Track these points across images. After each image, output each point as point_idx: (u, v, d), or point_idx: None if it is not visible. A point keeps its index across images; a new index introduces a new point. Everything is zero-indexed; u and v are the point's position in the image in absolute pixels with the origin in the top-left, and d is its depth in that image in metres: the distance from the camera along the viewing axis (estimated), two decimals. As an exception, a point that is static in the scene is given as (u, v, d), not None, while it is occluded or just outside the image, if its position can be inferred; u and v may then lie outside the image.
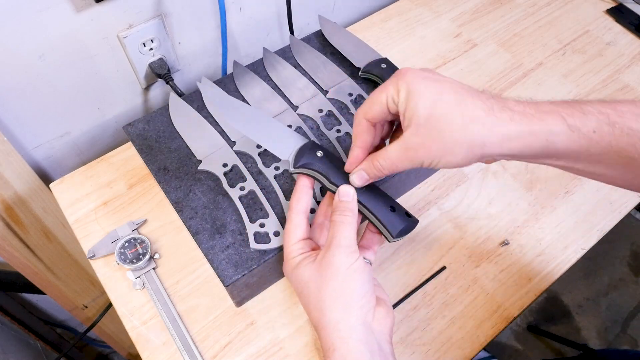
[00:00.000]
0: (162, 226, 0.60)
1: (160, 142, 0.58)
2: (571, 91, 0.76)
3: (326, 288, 0.40)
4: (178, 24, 0.65)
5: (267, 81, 0.63)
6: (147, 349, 0.53)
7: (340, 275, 0.40)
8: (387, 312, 0.42)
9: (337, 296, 0.40)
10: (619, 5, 0.87)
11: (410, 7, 0.86)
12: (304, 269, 0.42)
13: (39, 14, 0.52)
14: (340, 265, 0.40)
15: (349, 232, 0.41)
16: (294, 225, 0.45)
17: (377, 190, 0.45)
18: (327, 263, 0.40)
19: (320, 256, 0.42)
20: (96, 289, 0.90)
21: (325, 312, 0.40)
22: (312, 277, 0.41)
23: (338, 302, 0.40)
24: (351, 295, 0.40)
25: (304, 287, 0.42)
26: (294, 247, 0.44)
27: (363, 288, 0.40)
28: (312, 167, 0.45)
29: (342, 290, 0.40)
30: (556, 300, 1.49)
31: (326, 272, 0.40)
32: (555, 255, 0.60)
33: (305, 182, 0.46)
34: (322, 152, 0.46)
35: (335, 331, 0.39)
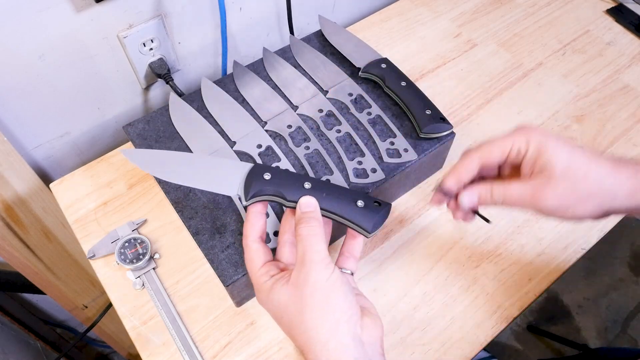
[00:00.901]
0: (162, 226, 0.60)
1: (160, 142, 0.58)
2: (571, 91, 0.76)
3: (307, 308, 0.38)
4: (178, 24, 0.65)
5: (267, 81, 0.63)
6: (147, 349, 0.53)
7: (319, 291, 0.38)
8: (375, 322, 0.40)
9: (321, 314, 0.37)
10: (619, 5, 0.87)
11: (410, 7, 0.86)
12: (279, 291, 0.39)
13: (39, 14, 0.52)
14: (317, 281, 0.38)
15: (319, 245, 0.39)
16: (253, 252, 0.42)
17: (336, 190, 0.43)
18: (304, 281, 0.38)
19: (295, 275, 0.39)
20: (96, 289, 0.90)
21: (310, 334, 0.37)
22: (290, 300, 0.39)
23: (323, 320, 0.37)
24: (335, 310, 0.38)
25: (284, 312, 0.39)
26: (260, 272, 0.41)
27: (346, 300, 0.38)
28: (264, 193, 0.43)
29: (324, 306, 0.38)
30: (556, 300, 1.49)
31: (304, 290, 0.38)
32: (555, 255, 0.60)
33: (257, 207, 0.43)
34: (269, 174, 0.43)
35: (324, 352, 0.37)
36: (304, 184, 0.42)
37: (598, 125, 0.72)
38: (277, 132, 0.58)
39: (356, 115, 0.59)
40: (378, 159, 0.56)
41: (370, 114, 0.59)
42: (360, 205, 0.42)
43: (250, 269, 0.42)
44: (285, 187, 0.42)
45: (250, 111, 0.60)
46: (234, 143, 0.57)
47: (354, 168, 0.55)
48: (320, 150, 0.56)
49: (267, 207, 0.44)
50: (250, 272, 0.42)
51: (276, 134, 0.58)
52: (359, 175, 0.55)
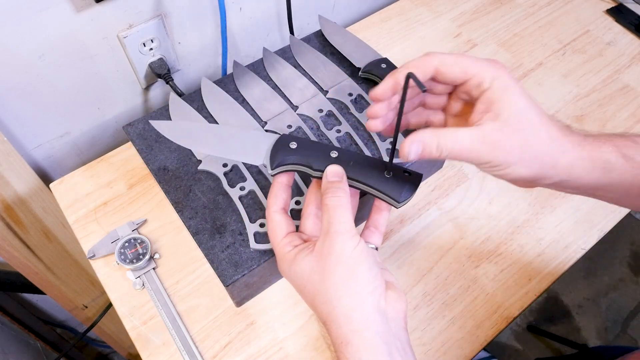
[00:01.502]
0: (162, 226, 0.60)
1: (160, 142, 0.58)
2: (571, 91, 0.76)
3: (331, 277, 0.37)
4: (178, 24, 0.65)
5: (267, 81, 0.63)
6: (147, 349, 0.53)
7: (344, 261, 0.37)
8: (399, 296, 0.38)
9: (345, 284, 0.37)
10: (619, 5, 0.87)
11: (410, 7, 0.86)
12: (303, 261, 0.39)
13: (39, 14, 0.52)
14: (342, 251, 0.37)
15: (345, 216, 0.38)
16: (276, 222, 0.42)
17: (363, 159, 0.42)
18: (328, 251, 0.37)
19: (319, 245, 0.38)
20: (96, 289, 0.90)
21: (334, 304, 0.37)
22: (313, 269, 0.38)
23: (347, 290, 0.37)
24: (360, 281, 0.37)
25: (307, 281, 0.38)
26: (283, 243, 0.41)
27: (371, 272, 0.37)
28: (289, 162, 0.42)
29: (349, 277, 0.37)
30: (556, 300, 1.49)
31: (328, 260, 0.37)
32: (555, 255, 0.60)
33: (282, 179, 0.43)
34: (295, 143, 0.42)
35: (348, 323, 0.36)
36: (331, 153, 0.41)
37: (598, 125, 0.72)
38: (277, 132, 0.58)
39: (356, 115, 0.59)
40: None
41: (370, 114, 0.59)
42: (388, 175, 0.40)
43: (273, 239, 0.41)
44: (312, 156, 0.42)
45: (250, 111, 0.60)
46: (234, 143, 0.57)
47: (354, 168, 0.55)
48: (320, 150, 0.56)
49: (292, 180, 0.44)
50: (272, 243, 0.42)
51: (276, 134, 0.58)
52: (359, 175, 0.55)
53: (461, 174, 0.66)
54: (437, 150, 0.36)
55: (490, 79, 0.36)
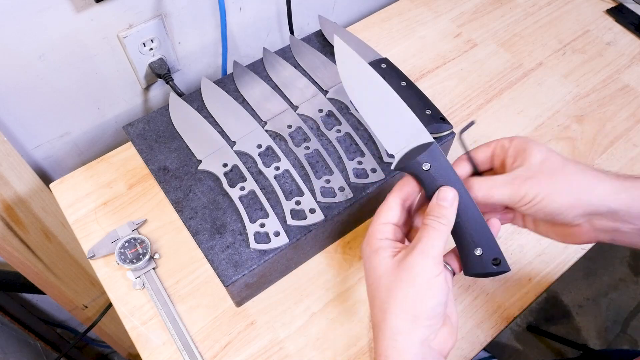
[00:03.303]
0: (162, 226, 0.60)
1: (160, 142, 0.58)
2: (571, 91, 0.76)
3: (397, 292, 0.37)
4: (178, 24, 0.65)
5: (267, 81, 0.63)
6: (147, 349, 0.53)
7: (418, 284, 0.36)
8: (451, 333, 0.38)
9: (407, 306, 0.36)
10: (619, 5, 0.87)
11: (410, 7, 0.86)
12: (381, 259, 0.38)
13: (39, 14, 0.52)
14: (420, 274, 0.36)
15: (438, 241, 0.37)
16: (388, 207, 0.41)
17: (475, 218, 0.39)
18: (407, 266, 0.37)
19: (401, 256, 0.38)
20: (96, 289, 0.90)
21: (388, 317, 0.37)
22: (385, 273, 0.38)
23: (405, 312, 0.36)
24: (423, 311, 0.36)
25: (375, 279, 0.38)
26: (381, 227, 0.40)
27: (438, 307, 0.37)
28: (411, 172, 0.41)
29: (414, 301, 0.36)
30: (556, 300, 1.49)
31: (402, 275, 0.37)
32: (555, 255, 0.60)
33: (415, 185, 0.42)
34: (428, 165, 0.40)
35: (393, 341, 0.36)
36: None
37: (598, 125, 0.72)
38: (277, 132, 0.58)
39: (356, 115, 0.59)
40: (378, 159, 0.56)
41: (370, 114, 0.59)
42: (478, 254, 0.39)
43: (376, 219, 0.41)
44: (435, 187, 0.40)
45: (250, 111, 0.60)
46: (234, 143, 0.57)
47: (354, 168, 0.55)
48: (320, 150, 0.56)
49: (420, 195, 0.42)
50: (373, 221, 0.41)
51: (276, 134, 0.58)
52: (359, 175, 0.55)
53: (461, 174, 0.66)
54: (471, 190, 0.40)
55: (509, 140, 0.42)
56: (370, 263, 0.39)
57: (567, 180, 0.38)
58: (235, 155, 0.56)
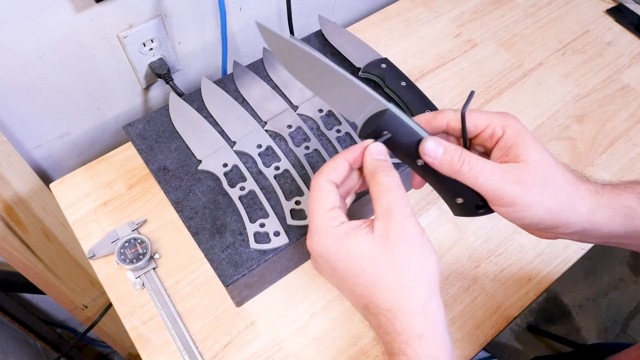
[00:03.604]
0: (162, 226, 0.60)
1: (160, 142, 0.58)
2: (571, 91, 0.76)
3: (406, 263, 0.34)
4: (178, 24, 0.65)
5: (267, 81, 0.63)
6: (147, 349, 0.53)
7: (417, 248, 0.34)
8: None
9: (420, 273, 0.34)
10: (619, 5, 0.87)
11: (410, 7, 0.86)
12: (360, 240, 0.35)
13: (39, 14, 0.52)
14: (414, 238, 0.34)
15: (406, 198, 0.35)
16: (324, 192, 0.37)
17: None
18: (397, 235, 0.34)
19: (381, 227, 0.35)
20: (96, 289, 0.90)
21: (408, 292, 0.33)
22: (380, 250, 0.34)
23: (421, 279, 0.34)
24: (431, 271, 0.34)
25: (368, 263, 0.34)
26: (329, 215, 0.36)
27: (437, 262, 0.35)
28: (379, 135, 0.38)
29: (422, 265, 0.34)
30: (556, 300, 1.49)
31: (399, 245, 0.34)
32: (555, 255, 0.60)
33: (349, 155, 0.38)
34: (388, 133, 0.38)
35: (423, 314, 0.33)
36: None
37: (598, 125, 0.72)
38: (277, 132, 0.58)
39: (356, 115, 0.59)
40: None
41: (370, 114, 0.59)
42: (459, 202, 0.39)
43: (316, 208, 0.37)
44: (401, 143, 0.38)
45: (250, 111, 0.60)
46: (234, 143, 0.57)
47: (354, 168, 0.55)
48: (320, 150, 0.56)
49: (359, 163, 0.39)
50: (314, 213, 0.37)
51: (276, 134, 0.58)
52: (359, 175, 0.55)
53: (461, 174, 0.66)
54: (458, 160, 0.36)
55: (501, 127, 0.37)
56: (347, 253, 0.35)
57: (555, 193, 0.35)
58: (235, 155, 0.56)
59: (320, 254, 0.36)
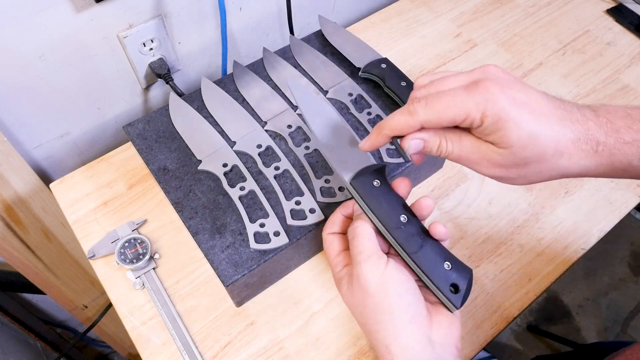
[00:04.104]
0: (162, 226, 0.60)
1: (160, 142, 0.58)
2: (571, 91, 0.76)
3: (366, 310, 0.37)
4: (178, 24, 0.65)
5: (267, 81, 0.63)
6: (147, 349, 0.53)
7: (373, 293, 0.37)
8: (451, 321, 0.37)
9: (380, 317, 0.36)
10: (619, 5, 0.87)
11: (410, 7, 0.86)
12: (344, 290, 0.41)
13: (39, 14, 0.52)
14: (369, 282, 0.37)
15: (367, 241, 0.39)
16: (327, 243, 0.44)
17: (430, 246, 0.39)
18: (357, 284, 0.38)
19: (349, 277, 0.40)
20: (96, 289, 0.90)
21: (374, 335, 0.38)
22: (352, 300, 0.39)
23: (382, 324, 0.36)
24: (394, 312, 0.36)
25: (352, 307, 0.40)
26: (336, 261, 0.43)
27: (404, 299, 0.36)
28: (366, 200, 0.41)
29: (381, 309, 0.36)
30: (556, 300, 1.49)
31: (360, 293, 0.38)
32: (555, 255, 0.60)
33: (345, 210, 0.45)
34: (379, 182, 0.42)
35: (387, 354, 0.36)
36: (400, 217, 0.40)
37: (598, 125, 0.72)
38: (277, 132, 0.58)
39: (356, 115, 0.59)
40: (378, 159, 0.56)
41: (370, 114, 0.59)
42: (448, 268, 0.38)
43: (327, 258, 0.44)
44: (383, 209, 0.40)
45: (250, 111, 0.60)
46: (234, 143, 0.57)
47: (354, 168, 0.55)
48: (320, 150, 0.56)
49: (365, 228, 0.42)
50: (328, 261, 0.44)
51: (276, 134, 0.58)
52: (359, 175, 0.55)
53: (461, 174, 0.66)
54: (437, 150, 0.38)
55: (480, 116, 0.34)
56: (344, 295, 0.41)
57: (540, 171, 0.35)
58: (235, 155, 0.56)
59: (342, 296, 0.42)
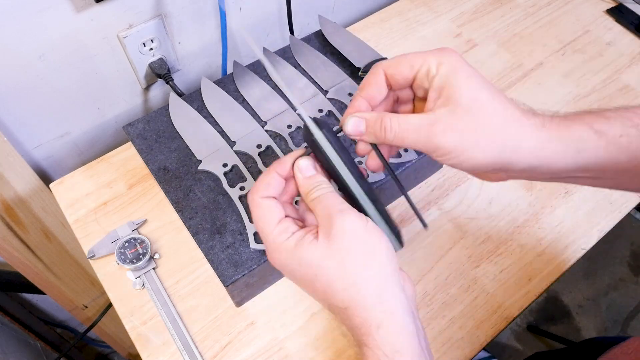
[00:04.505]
0: (162, 226, 0.60)
1: (160, 142, 0.58)
2: (571, 91, 0.76)
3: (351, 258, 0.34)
4: (178, 24, 0.65)
5: (267, 81, 0.63)
6: (147, 349, 0.53)
7: (361, 238, 0.34)
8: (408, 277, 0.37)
9: (370, 264, 0.34)
10: (619, 5, 0.87)
11: (410, 7, 0.86)
12: (308, 249, 0.34)
13: (39, 14, 0.52)
14: (356, 229, 0.34)
15: (340, 199, 0.36)
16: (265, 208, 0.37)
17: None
18: (340, 232, 0.34)
19: (324, 231, 0.35)
20: (96, 289, 0.90)
21: (360, 286, 0.33)
22: (324, 255, 0.34)
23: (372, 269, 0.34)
24: (383, 259, 0.34)
25: (318, 269, 0.34)
26: (278, 230, 0.36)
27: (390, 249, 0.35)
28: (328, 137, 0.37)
29: (371, 255, 0.34)
30: (556, 300, 1.49)
31: (343, 242, 0.34)
32: (555, 255, 0.60)
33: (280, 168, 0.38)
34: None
35: (378, 304, 0.33)
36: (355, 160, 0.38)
37: (598, 125, 0.72)
38: (277, 132, 0.58)
39: (356, 115, 0.59)
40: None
41: (370, 114, 0.59)
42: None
43: (264, 226, 0.36)
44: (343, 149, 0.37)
45: (250, 111, 0.60)
46: (234, 143, 0.57)
47: (354, 168, 0.55)
48: (320, 150, 0.56)
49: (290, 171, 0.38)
50: (264, 232, 0.36)
51: (276, 134, 0.58)
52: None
53: (461, 174, 0.66)
54: (381, 130, 0.35)
55: (436, 64, 0.35)
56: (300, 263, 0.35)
57: (491, 134, 0.33)
58: (235, 155, 0.56)
59: (281, 268, 0.37)
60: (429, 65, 0.35)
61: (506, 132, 0.33)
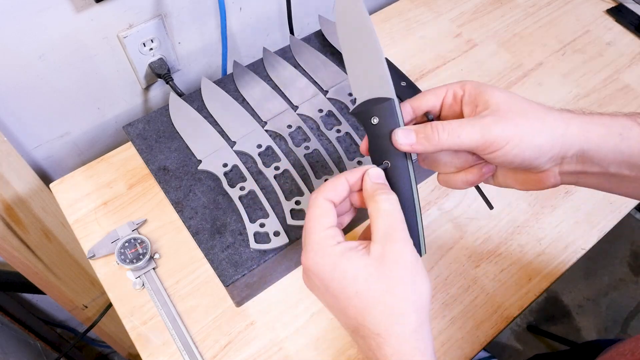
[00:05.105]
0: (162, 226, 0.60)
1: (160, 142, 0.58)
2: (571, 91, 0.76)
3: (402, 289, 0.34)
4: (178, 24, 0.65)
5: (267, 81, 0.63)
6: (147, 349, 0.53)
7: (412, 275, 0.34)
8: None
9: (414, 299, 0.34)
10: (619, 5, 0.87)
11: (410, 7, 0.86)
12: (354, 262, 0.34)
13: (39, 14, 0.52)
14: (411, 261, 0.34)
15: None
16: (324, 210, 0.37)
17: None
18: (393, 260, 0.34)
19: (378, 250, 0.34)
20: (96, 289, 0.90)
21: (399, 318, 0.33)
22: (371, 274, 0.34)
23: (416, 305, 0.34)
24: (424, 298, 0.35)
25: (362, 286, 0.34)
26: (327, 234, 0.36)
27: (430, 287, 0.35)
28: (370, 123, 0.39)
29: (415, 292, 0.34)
30: (556, 300, 1.49)
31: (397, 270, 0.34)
32: (555, 255, 0.60)
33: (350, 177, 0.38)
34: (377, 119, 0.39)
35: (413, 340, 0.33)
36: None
37: (598, 125, 0.72)
38: (277, 132, 0.58)
39: (356, 115, 0.59)
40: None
41: (370, 114, 0.59)
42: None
43: (315, 226, 0.36)
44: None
45: (250, 111, 0.60)
46: (234, 143, 0.57)
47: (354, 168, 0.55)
48: (320, 150, 0.56)
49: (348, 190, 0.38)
50: (312, 231, 0.36)
51: (276, 134, 0.58)
52: (359, 175, 0.55)
53: (461, 174, 0.66)
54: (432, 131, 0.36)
55: (460, 86, 0.38)
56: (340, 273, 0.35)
57: (539, 119, 0.35)
58: (235, 155, 0.56)
59: (315, 272, 0.36)
60: (454, 89, 0.39)
61: (552, 117, 0.35)
